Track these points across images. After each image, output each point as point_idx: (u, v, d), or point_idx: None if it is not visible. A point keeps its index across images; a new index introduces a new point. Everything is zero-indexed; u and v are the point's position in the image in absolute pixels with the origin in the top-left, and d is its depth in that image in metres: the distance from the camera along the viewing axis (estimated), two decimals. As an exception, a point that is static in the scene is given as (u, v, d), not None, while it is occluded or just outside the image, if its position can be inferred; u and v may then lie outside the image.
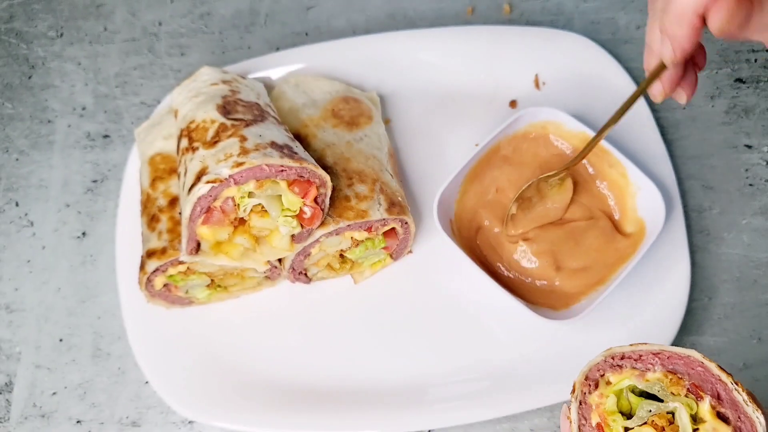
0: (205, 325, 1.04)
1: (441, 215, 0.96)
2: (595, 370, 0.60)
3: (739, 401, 0.55)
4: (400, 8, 1.26)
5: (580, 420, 0.58)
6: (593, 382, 0.59)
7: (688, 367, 0.58)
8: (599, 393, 0.58)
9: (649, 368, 0.59)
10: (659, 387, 0.58)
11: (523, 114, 1.01)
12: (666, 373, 0.58)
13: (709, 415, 0.56)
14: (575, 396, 0.59)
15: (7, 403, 1.04)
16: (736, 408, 0.55)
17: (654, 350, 0.59)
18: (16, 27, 1.31)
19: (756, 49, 1.17)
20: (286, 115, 1.06)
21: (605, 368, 0.60)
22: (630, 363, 0.59)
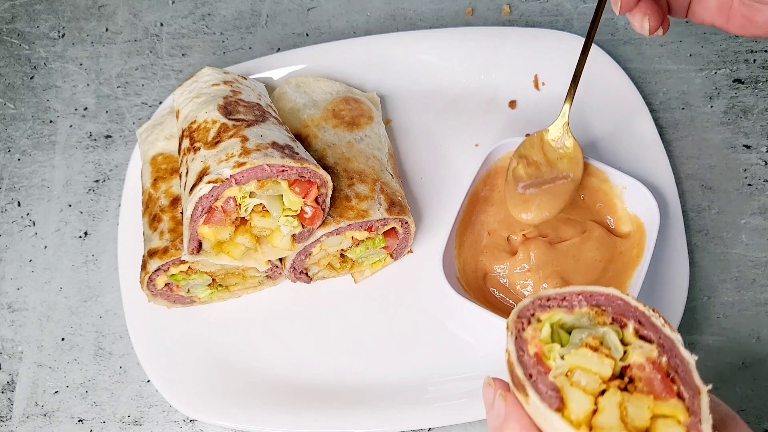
0: (206, 324, 1.04)
1: (448, 276, 0.94)
2: (525, 310, 0.64)
3: (658, 325, 0.60)
4: (400, 9, 1.26)
5: (517, 351, 0.61)
6: (525, 320, 0.63)
7: (610, 301, 0.63)
8: (532, 328, 0.62)
9: (574, 305, 0.63)
10: (586, 319, 0.63)
11: (490, 153, 1.01)
12: (591, 307, 0.63)
13: (634, 337, 0.61)
14: (510, 331, 0.62)
15: (9, 402, 1.05)
16: (656, 330, 0.60)
17: (576, 291, 0.64)
18: (18, 28, 1.32)
19: (755, 49, 1.17)
20: (287, 116, 1.07)
21: (535, 308, 0.64)
22: (557, 302, 0.64)
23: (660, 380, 0.57)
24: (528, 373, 0.60)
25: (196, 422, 1.01)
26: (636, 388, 0.58)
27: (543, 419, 0.58)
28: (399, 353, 1.00)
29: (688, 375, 0.57)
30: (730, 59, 1.17)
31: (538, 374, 0.59)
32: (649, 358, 0.58)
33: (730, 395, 0.97)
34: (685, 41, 1.19)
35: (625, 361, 0.59)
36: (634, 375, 0.58)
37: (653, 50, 1.18)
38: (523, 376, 0.59)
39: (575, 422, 0.56)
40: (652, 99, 1.14)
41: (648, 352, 0.59)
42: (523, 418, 0.60)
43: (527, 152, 0.96)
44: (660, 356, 0.59)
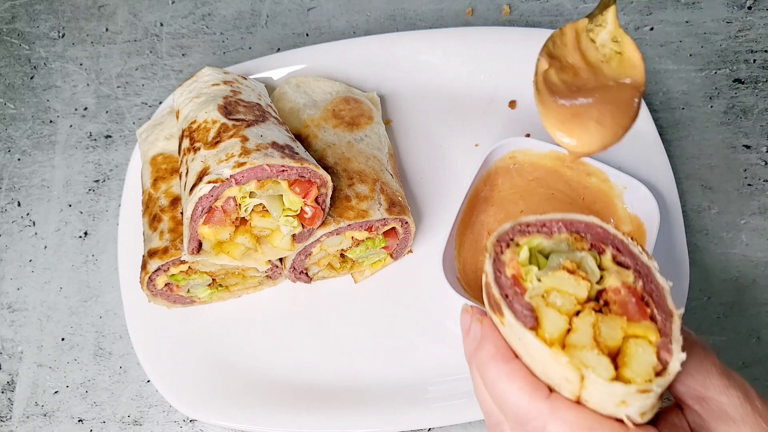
0: (206, 324, 1.04)
1: (449, 276, 0.94)
2: (504, 235, 0.63)
3: (635, 252, 0.60)
4: (400, 9, 1.26)
5: (495, 273, 0.61)
6: (504, 243, 0.63)
7: (589, 229, 0.63)
8: (511, 251, 0.62)
9: (554, 231, 0.63)
10: (564, 245, 0.63)
11: (491, 152, 1.01)
12: (570, 234, 0.63)
13: (611, 263, 0.61)
14: (489, 253, 0.61)
15: (9, 402, 1.05)
16: (633, 257, 0.60)
17: (556, 218, 0.64)
18: (18, 28, 1.32)
19: (755, 49, 1.17)
20: (287, 116, 1.07)
21: (514, 233, 0.63)
22: (536, 228, 0.64)
23: (634, 303, 0.58)
24: (504, 293, 0.60)
25: (196, 422, 1.01)
26: (610, 311, 0.58)
27: (517, 339, 0.58)
28: (399, 353, 1.00)
29: (662, 299, 0.58)
30: (730, 59, 1.17)
31: (515, 295, 0.59)
32: (625, 283, 0.59)
33: (730, 395, 0.97)
34: (685, 41, 1.19)
35: (601, 284, 0.60)
36: (609, 298, 0.59)
37: (653, 50, 1.18)
38: (499, 295, 0.59)
39: (549, 340, 0.56)
40: (652, 99, 1.14)
41: (624, 276, 0.59)
42: (498, 339, 0.61)
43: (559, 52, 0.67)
44: (636, 281, 0.59)
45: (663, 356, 0.55)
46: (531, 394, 0.57)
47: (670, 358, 0.54)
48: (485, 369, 0.60)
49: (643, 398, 0.53)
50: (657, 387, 0.53)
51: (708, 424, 0.59)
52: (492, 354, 0.60)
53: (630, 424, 0.54)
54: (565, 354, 0.55)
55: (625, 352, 0.56)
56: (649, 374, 0.54)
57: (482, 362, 0.61)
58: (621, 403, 0.54)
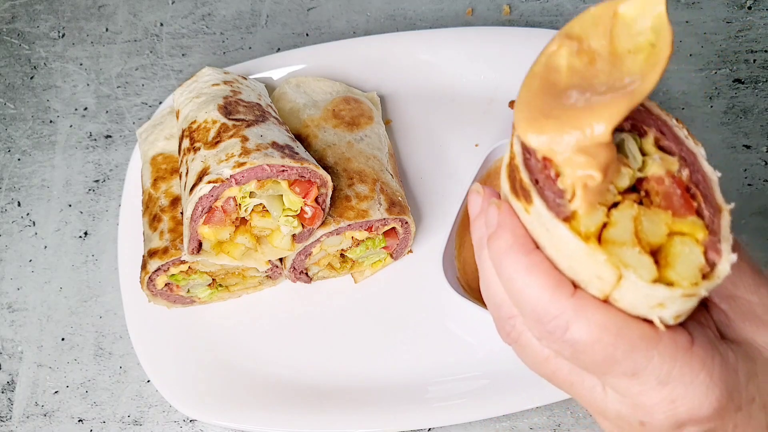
0: (206, 324, 1.04)
1: (449, 276, 0.94)
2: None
3: (680, 137, 0.55)
4: (400, 9, 1.26)
5: (523, 153, 0.52)
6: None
7: None
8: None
9: None
10: None
11: (491, 152, 1.00)
12: None
13: (653, 147, 0.54)
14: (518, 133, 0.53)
15: (9, 402, 1.05)
16: (678, 142, 0.55)
17: None
18: (18, 28, 1.32)
19: (755, 49, 1.17)
20: (287, 116, 1.07)
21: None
22: None
23: (679, 195, 0.52)
24: (534, 178, 0.52)
25: (196, 422, 1.01)
26: (653, 203, 0.52)
27: (545, 230, 0.51)
28: (399, 353, 1.00)
29: (710, 192, 0.52)
30: (730, 59, 1.17)
31: (546, 180, 0.51)
32: (669, 171, 0.52)
33: (730, 395, 0.97)
34: (685, 41, 1.19)
35: (643, 172, 0.53)
36: (651, 189, 0.52)
37: (653, 50, 1.18)
38: (528, 180, 0.51)
39: (584, 234, 0.49)
40: (652, 99, 1.14)
41: (668, 164, 0.53)
42: (517, 227, 0.53)
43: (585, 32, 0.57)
44: (681, 170, 0.53)
45: (711, 257, 0.49)
46: (554, 290, 0.50)
47: (718, 260, 0.48)
48: (501, 260, 0.53)
49: (685, 302, 0.48)
50: (704, 291, 0.48)
51: (734, 323, 0.54)
52: (510, 244, 0.53)
53: (662, 326, 0.49)
54: (604, 251, 0.48)
55: (669, 250, 0.49)
56: (695, 276, 0.48)
57: (498, 252, 0.53)
58: (658, 306, 0.49)
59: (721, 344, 0.52)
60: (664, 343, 0.49)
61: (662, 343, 0.49)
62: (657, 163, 0.53)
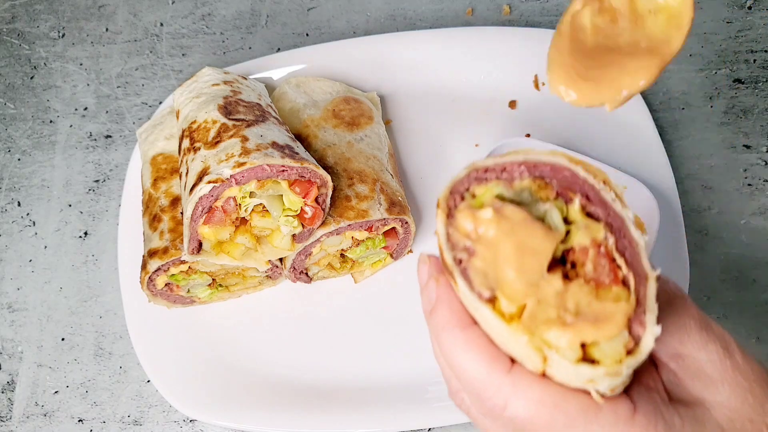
0: (206, 324, 1.04)
1: None
2: (459, 184, 0.55)
3: (607, 200, 0.53)
4: (400, 9, 1.26)
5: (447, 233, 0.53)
6: (458, 195, 0.55)
7: (555, 172, 0.55)
8: (466, 205, 0.54)
9: (515, 177, 0.55)
10: (527, 193, 0.55)
11: (489, 153, 0.99)
12: (533, 180, 0.55)
13: (580, 215, 0.53)
14: (441, 209, 0.54)
15: (9, 402, 1.05)
16: (605, 206, 0.53)
17: (518, 160, 0.55)
18: (18, 28, 1.32)
19: (755, 49, 1.17)
20: (287, 116, 1.07)
21: (470, 182, 0.55)
22: (495, 174, 0.55)
23: (605, 266, 0.51)
24: (457, 258, 0.52)
25: (196, 422, 1.01)
26: (578, 275, 0.51)
27: (474, 308, 0.52)
28: (399, 353, 1.00)
29: (636, 258, 0.51)
30: (730, 59, 1.17)
31: (470, 259, 0.52)
32: (595, 240, 0.52)
33: (730, 395, 0.97)
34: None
35: (567, 243, 0.52)
36: (578, 259, 0.52)
37: (653, 50, 1.18)
38: (451, 261, 0.52)
39: (507, 315, 0.49)
40: (652, 99, 1.14)
41: (594, 231, 0.52)
42: (453, 303, 0.54)
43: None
44: (607, 237, 0.52)
45: (635, 330, 0.48)
46: (490, 367, 0.51)
47: (642, 332, 0.48)
48: (440, 335, 0.54)
49: (613, 379, 0.48)
50: (627, 368, 0.47)
51: (684, 382, 0.53)
52: (447, 319, 0.54)
53: (599, 399, 0.49)
54: (525, 332, 0.48)
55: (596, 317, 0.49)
56: (619, 354, 0.48)
57: (436, 328, 0.55)
58: (589, 381, 0.48)
59: (668, 409, 0.51)
60: (604, 415, 0.49)
61: (602, 414, 0.49)
62: (582, 232, 0.52)
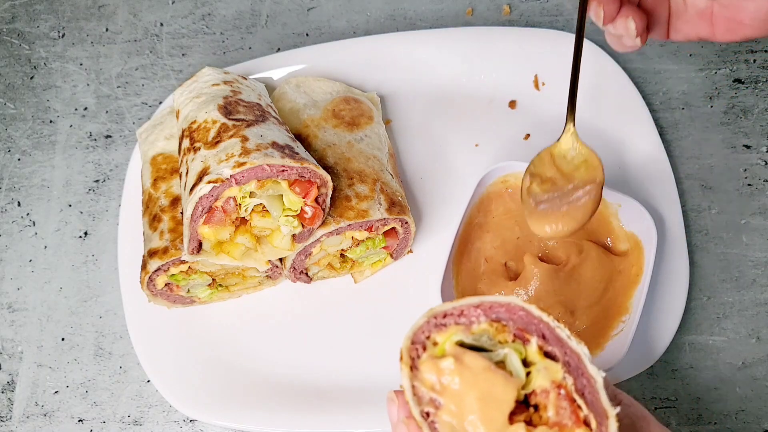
0: (206, 324, 1.04)
1: None
2: (419, 333, 0.58)
3: (563, 338, 0.55)
4: (400, 9, 1.26)
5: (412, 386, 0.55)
6: (420, 345, 0.57)
7: (511, 313, 0.57)
8: (428, 355, 0.56)
9: (473, 321, 0.58)
10: (486, 337, 0.57)
11: (482, 178, 0.99)
12: (491, 323, 0.57)
13: (538, 356, 0.56)
14: (404, 362, 0.56)
15: (9, 402, 1.05)
16: (562, 344, 0.55)
17: (474, 303, 0.58)
18: (18, 28, 1.32)
19: (755, 49, 1.17)
20: (287, 116, 1.07)
21: (429, 329, 0.58)
22: (453, 319, 0.58)
23: (566, 407, 0.53)
24: (424, 412, 0.54)
25: (196, 422, 1.01)
26: (541, 418, 0.53)
27: None
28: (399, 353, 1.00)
29: (596, 397, 0.52)
30: (730, 59, 1.17)
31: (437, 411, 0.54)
32: (554, 381, 0.54)
33: (730, 395, 0.97)
34: (685, 41, 1.19)
35: (527, 388, 0.55)
36: (540, 402, 0.54)
37: (653, 50, 1.18)
38: (419, 417, 0.54)
39: None
40: (652, 99, 1.14)
41: (553, 373, 0.54)
42: None
43: (539, 170, 0.88)
44: (565, 377, 0.54)
45: None
46: None
47: None
48: None
49: None
50: None
51: None
52: None
53: None
54: None
55: None
56: None
57: None
58: None
59: None
60: None
61: None
62: (542, 374, 0.54)
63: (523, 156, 1.09)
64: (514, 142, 1.11)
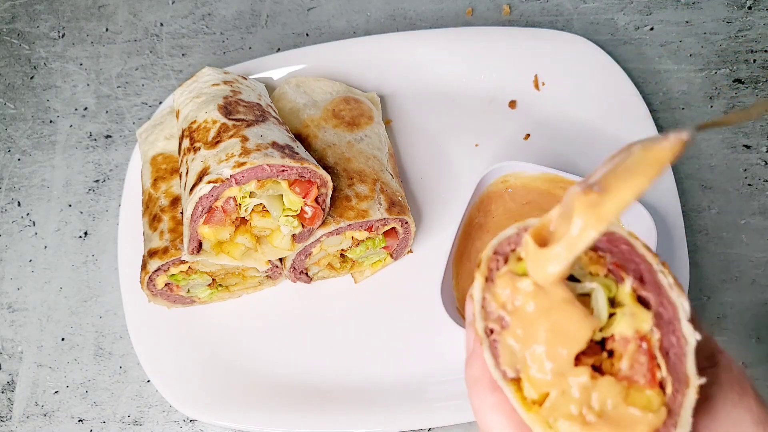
0: (206, 324, 1.04)
1: (447, 307, 0.92)
2: (505, 243, 0.51)
3: (663, 285, 0.48)
4: (400, 9, 1.26)
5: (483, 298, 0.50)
6: (503, 257, 0.51)
7: (612, 244, 0.50)
8: (508, 269, 0.50)
9: None
10: (578, 266, 0.50)
11: (482, 178, 0.99)
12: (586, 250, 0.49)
13: (630, 298, 0.48)
14: (481, 271, 0.50)
15: (9, 402, 1.05)
16: (660, 292, 0.48)
17: None
18: (18, 28, 1.32)
19: (755, 49, 1.17)
20: (287, 116, 1.07)
21: (517, 242, 0.51)
22: None
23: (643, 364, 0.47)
24: (489, 328, 0.49)
25: (196, 422, 1.01)
26: (613, 366, 0.47)
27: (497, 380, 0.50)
28: (399, 353, 1.00)
29: (681, 360, 0.46)
30: (730, 59, 1.17)
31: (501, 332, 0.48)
32: (638, 332, 0.47)
33: (730, 395, 0.97)
34: (685, 41, 1.19)
35: (606, 331, 0.48)
36: (615, 349, 0.48)
37: (653, 50, 1.18)
38: (482, 332, 0.49)
39: (527, 402, 0.47)
40: (652, 99, 1.14)
41: (639, 321, 0.47)
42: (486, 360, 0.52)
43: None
44: (653, 331, 0.47)
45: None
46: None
47: None
48: (471, 389, 0.53)
49: None
50: None
51: None
52: (478, 377, 0.52)
53: None
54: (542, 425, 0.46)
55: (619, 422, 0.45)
56: None
57: (469, 380, 0.54)
58: None
59: None
60: None
61: None
62: (627, 320, 0.47)
63: (523, 156, 1.09)
64: (514, 142, 1.11)
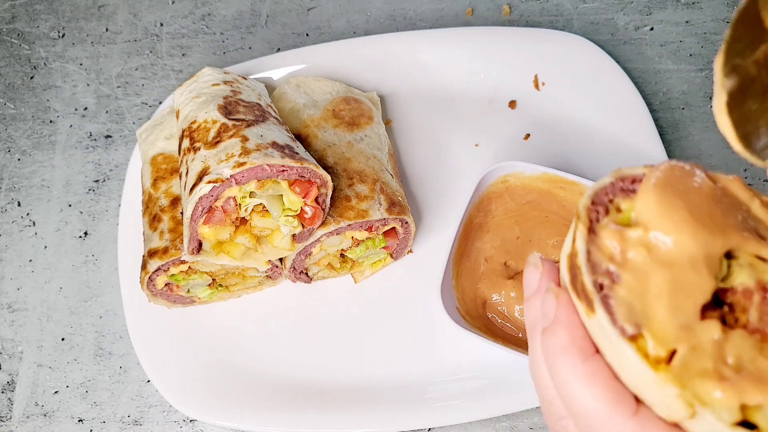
0: (206, 324, 1.04)
1: (448, 307, 0.92)
2: (602, 193, 0.47)
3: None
4: (400, 9, 1.26)
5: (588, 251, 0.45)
6: (602, 207, 0.47)
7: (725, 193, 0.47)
8: (612, 221, 0.46)
9: None
10: None
11: (482, 178, 0.99)
12: None
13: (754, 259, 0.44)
14: (582, 221, 0.46)
15: (9, 402, 1.05)
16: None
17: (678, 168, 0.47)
18: (18, 28, 1.32)
19: (754, 49, 1.17)
20: (287, 116, 1.07)
21: (614, 192, 0.47)
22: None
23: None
24: (598, 283, 0.44)
25: (196, 422, 1.01)
26: (737, 321, 0.43)
27: (608, 341, 0.44)
28: (399, 353, 1.00)
29: None
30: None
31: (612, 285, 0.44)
32: (761, 282, 0.43)
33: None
34: (685, 41, 1.19)
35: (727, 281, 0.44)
36: (737, 303, 0.44)
37: (653, 50, 1.18)
38: (591, 287, 0.44)
39: (653, 357, 0.42)
40: (652, 99, 1.14)
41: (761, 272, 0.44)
42: (576, 327, 0.46)
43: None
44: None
45: None
46: (613, 406, 0.44)
47: None
48: (555, 360, 0.47)
49: None
50: None
51: None
52: (566, 345, 0.46)
53: None
54: (675, 383, 0.41)
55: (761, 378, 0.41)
56: None
57: (552, 350, 0.47)
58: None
59: None
60: None
61: None
62: (746, 271, 0.44)
63: (523, 156, 1.09)
64: (514, 142, 1.11)
